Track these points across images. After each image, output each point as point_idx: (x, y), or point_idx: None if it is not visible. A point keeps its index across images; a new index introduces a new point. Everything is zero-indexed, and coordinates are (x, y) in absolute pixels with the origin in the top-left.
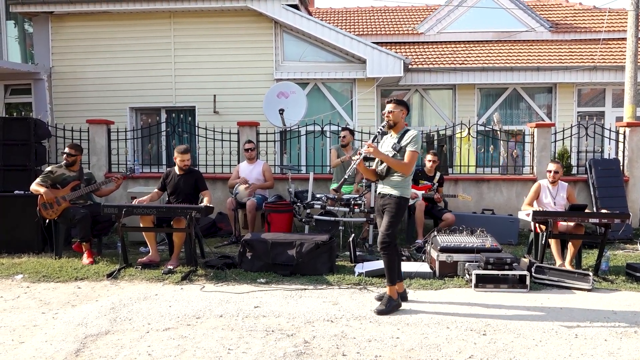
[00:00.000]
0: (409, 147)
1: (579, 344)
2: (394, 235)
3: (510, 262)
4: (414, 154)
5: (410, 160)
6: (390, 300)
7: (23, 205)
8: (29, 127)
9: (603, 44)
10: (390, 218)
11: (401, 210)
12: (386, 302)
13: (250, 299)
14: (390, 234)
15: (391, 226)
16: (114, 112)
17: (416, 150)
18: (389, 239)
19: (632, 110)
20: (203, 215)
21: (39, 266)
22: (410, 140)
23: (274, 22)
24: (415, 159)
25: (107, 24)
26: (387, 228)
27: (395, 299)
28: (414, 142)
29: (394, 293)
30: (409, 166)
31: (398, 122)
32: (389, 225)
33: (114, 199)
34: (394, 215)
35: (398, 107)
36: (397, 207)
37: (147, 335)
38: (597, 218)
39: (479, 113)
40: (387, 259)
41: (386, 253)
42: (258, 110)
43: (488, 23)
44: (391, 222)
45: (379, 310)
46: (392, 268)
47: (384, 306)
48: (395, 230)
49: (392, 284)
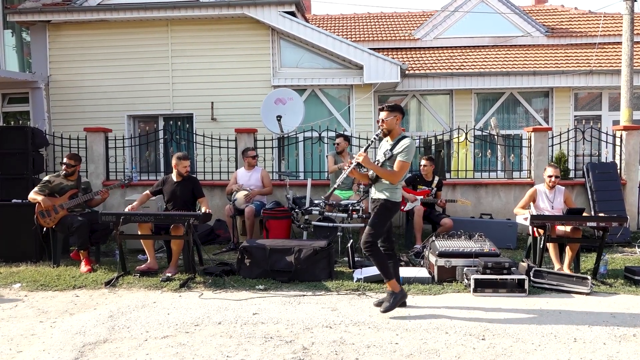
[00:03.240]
0: (399, 157)
1: (578, 347)
2: (377, 235)
3: (508, 266)
4: (402, 165)
5: (399, 169)
6: (394, 295)
7: (21, 213)
8: (27, 135)
9: (599, 48)
10: (374, 218)
11: (387, 212)
12: (390, 298)
13: (249, 306)
14: (373, 234)
15: (374, 227)
16: (112, 120)
17: (406, 161)
18: (371, 239)
19: (629, 113)
20: (201, 222)
21: (36, 275)
22: (402, 150)
23: (271, 29)
24: (404, 169)
25: (104, 33)
26: (370, 229)
27: (398, 291)
28: (406, 152)
29: (395, 286)
30: (397, 176)
31: (393, 129)
32: (372, 225)
33: (112, 206)
34: (378, 215)
35: (391, 114)
36: (383, 209)
37: (146, 344)
38: (595, 222)
39: (476, 118)
40: (374, 259)
41: (371, 253)
42: (256, 117)
43: (484, 28)
44: (375, 222)
45: (385, 308)
46: (383, 264)
47: (389, 302)
48: (379, 232)
49: (390, 279)
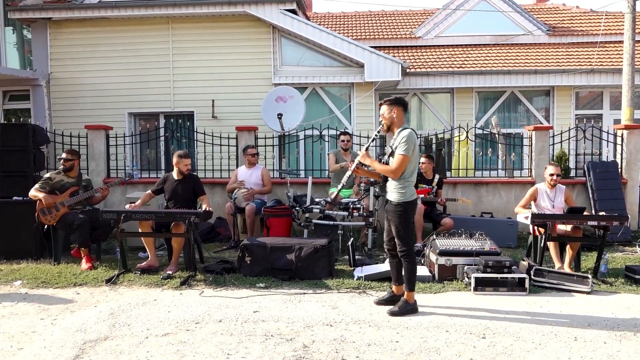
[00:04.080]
0: (398, 150)
1: (578, 346)
2: (408, 241)
3: (509, 265)
4: (401, 158)
5: (398, 164)
6: (407, 304)
7: (22, 211)
8: (28, 133)
9: (600, 47)
10: (397, 226)
11: (405, 216)
12: (401, 305)
13: (250, 304)
14: (404, 241)
15: (400, 234)
16: (113, 118)
17: (404, 153)
18: (405, 247)
19: (630, 112)
20: (202, 220)
21: (37, 272)
22: (400, 142)
23: (272, 27)
24: (403, 162)
25: (105, 30)
26: (398, 236)
27: (411, 303)
28: (404, 143)
29: (411, 298)
30: (397, 170)
31: (393, 123)
32: (397, 233)
33: (113, 204)
34: (399, 223)
35: (390, 107)
36: (400, 215)
37: (146, 341)
38: (595, 220)
39: (477, 116)
40: (409, 266)
41: (407, 260)
42: (256, 115)
43: (486, 27)
44: (399, 229)
45: (392, 312)
46: (413, 274)
47: (398, 308)
48: (408, 235)
49: (411, 290)
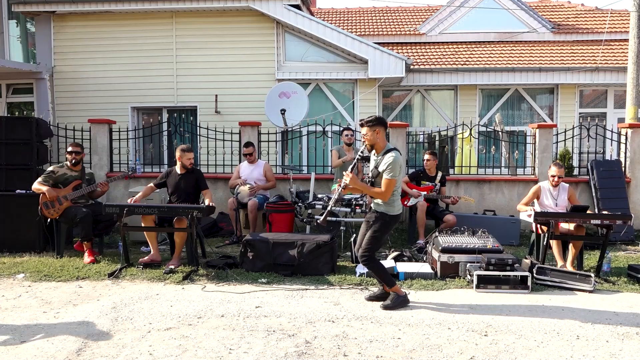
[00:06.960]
0: (385, 175)
1: (580, 345)
2: (375, 249)
3: (511, 263)
4: (389, 182)
5: (386, 188)
6: (397, 297)
7: (25, 204)
8: (31, 126)
9: (605, 45)
10: (373, 233)
11: (385, 226)
12: (393, 298)
13: (252, 299)
14: (371, 248)
15: (372, 242)
16: (116, 112)
17: (392, 178)
18: (368, 253)
19: (634, 111)
20: (204, 215)
21: (40, 265)
22: (386, 167)
23: (276, 22)
24: (391, 186)
25: (109, 24)
26: (369, 243)
27: (402, 295)
28: (390, 169)
29: (398, 290)
30: (387, 194)
31: (375, 143)
32: (370, 240)
33: (115, 198)
34: (376, 230)
35: (372, 128)
36: (381, 224)
37: (149, 335)
38: (598, 219)
39: (480, 114)
40: (373, 269)
41: (368, 264)
42: (260, 110)
43: (490, 24)
44: (373, 236)
45: (385, 305)
46: (383, 272)
47: (390, 301)
48: (377, 245)
49: (392, 286)
